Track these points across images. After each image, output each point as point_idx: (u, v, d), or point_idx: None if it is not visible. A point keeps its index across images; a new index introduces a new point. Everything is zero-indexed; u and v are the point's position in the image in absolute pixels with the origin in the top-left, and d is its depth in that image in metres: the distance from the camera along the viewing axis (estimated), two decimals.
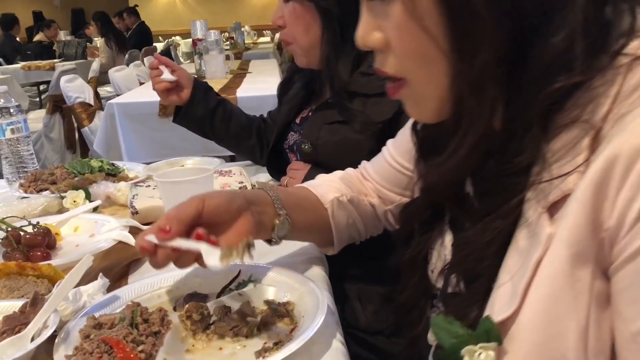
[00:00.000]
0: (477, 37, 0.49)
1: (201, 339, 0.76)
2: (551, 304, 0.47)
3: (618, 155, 0.43)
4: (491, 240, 0.54)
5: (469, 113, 0.53)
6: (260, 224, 0.83)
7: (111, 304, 0.83)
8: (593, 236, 0.45)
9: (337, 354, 0.72)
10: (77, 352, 0.70)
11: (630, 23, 0.48)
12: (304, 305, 0.80)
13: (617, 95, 0.46)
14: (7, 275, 0.92)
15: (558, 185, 0.47)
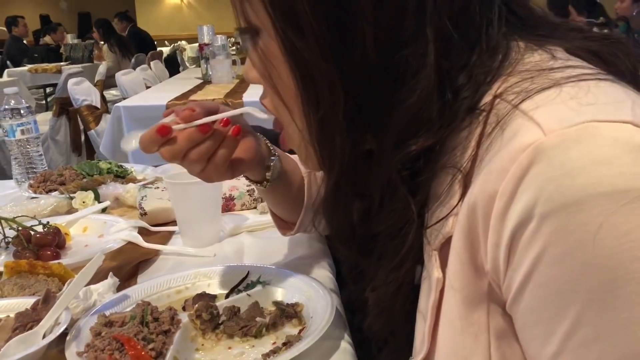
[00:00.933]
0: (317, 93, 0.49)
1: (210, 338, 0.76)
2: (455, 346, 0.48)
3: (475, 202, 0.43)
4: (394, 293, 0.55)
5: (322, 161, 0.54)
6: (261, 149, 0.80)
7: (121, 303, 0.84)
8: (478, 278, 0.46)
9: (345, 354, 0.73)
10: (89, 349, 0.71)
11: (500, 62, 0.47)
12: (312, 306, 0.80)
13: (480, 138, 0.45)
14: (18, 273, 0.93)
15: (440, 230, 0.48)
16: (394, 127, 0.49)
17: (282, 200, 0.91)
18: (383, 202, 0.53)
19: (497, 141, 0.43)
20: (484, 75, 0.47)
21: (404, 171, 0.50)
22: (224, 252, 1.08)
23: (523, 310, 0.43)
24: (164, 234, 1.16)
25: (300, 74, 0.50)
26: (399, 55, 0.47)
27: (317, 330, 0.71)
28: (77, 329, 0.76)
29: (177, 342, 0.73)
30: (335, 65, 0.48)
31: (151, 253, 1.06)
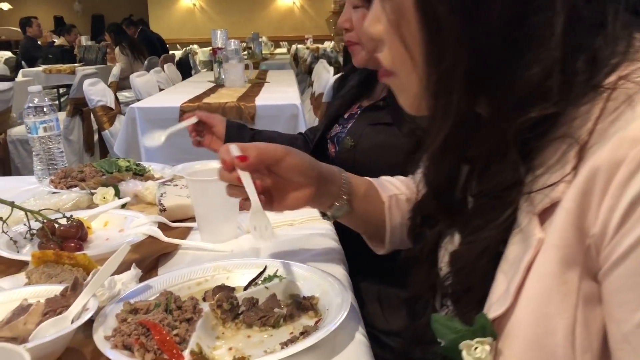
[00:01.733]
0: (442, 47, 0.53)
1: (230, 327, 0.80)
2: (541, 303, 0.51)
3: (599, 167, 0.46)
4: (482, 252, 0.57)
5: (436, 113, 0.57)
6: (322, 197, 0.89)
7: (144, 292, 0.88)
8: (580, 242, 0.48)
9: (359, 345, 0.76)
10: (116, 333, 0.74)
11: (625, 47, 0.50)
12: (327, 299, 0.84)
13: (601, 112, 0.48)
14: (45, 263, 0.97)
15: (548, 194, 0.50)
16: (513, 94, 0.51)
17: (358, 228, 0.98)
18: (490, 164, 0.56)
19: (626, 115, 0.46)
20: (608, 57, 0.49)
21: (519, 136, 0.52)
22: (240, 248, 1.11)
23: (621, 274, 0.46)
24: (183, 230, 1.19)
25: (429, 26, 0.53)
26: (526, 23, 0.50)
27: (334, 322, 0.74)
28: (103, 315, 0.80)
29: (200, 329, 0.76)
30: (464, 21, 0.51)
31: (171, 247, 1.10)
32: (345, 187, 0.88)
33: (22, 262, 1.04)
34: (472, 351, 0.54)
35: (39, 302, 0.81)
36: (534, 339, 0.51)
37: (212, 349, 0.75)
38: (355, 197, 0.89)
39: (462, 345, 0.55)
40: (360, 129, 1.33)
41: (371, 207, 0.93)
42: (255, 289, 0.88)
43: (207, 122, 1.55)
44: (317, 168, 0.85)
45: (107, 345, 0.72)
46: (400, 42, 0.57)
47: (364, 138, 1.31)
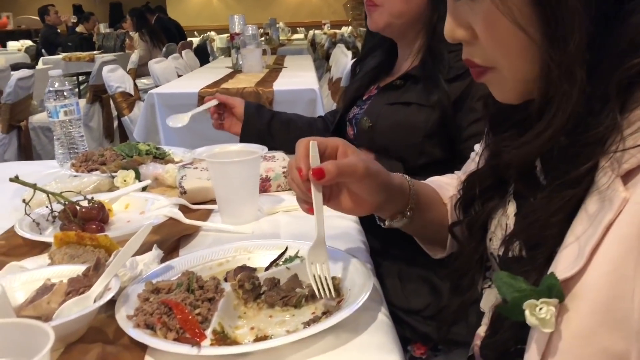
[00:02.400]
0: (568, 24, 0.52)
1: (252, 307, 0.79)
2: (619, 265, 0.49)
3: None
4: (558, 208, 0.56)
5: (560, 97, 0.55)
6: (384, 210, 0.85)
7: (166, 273, 0.88)
8: None
9: (382, 325, 0.75)
10: (138, 312, 0.74)
11: None
12: (349, 280, 0.83)
13: None
14: (67, 244, 0.97)
15: (635, 155, 0.50)
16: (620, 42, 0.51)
17: (416, 234, 0.95)
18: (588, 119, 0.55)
19: None
20: None
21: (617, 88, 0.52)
22: (261, 229, 1.11)
23: None
24: (204, 212, 1.19)
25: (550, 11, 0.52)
26: None
27: (356, 302, 0.74)
28: (125, 295, 0.80)
29: (222, 309, 0.76)
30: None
31: (192, 229, 1.09)
32: (412, 202, 0.85)
33: (44, 244, 1.05)
34: (536, 311, 0.52)
35: (61, 282, 0.81)
36: (604, 302, 0.50)
37: (234, 329, 0.75)
38: (420, 207, 0.86)
39: (526, 305, 0.53)
40: (377, 108, 1.31)
41: (434, 213, 0.90)
42: (276, 269, 0.88)
43: (227, 104, 1.55)
44: (385, 177, 0.80)
45: (129, 324, 0.72)
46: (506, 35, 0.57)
47: (381, 118, 1.28)
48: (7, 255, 1.04)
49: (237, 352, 0.66)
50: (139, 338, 0.70)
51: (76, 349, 0.72)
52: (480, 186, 0.77)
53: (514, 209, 0.70)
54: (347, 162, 0.76)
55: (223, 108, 1.56)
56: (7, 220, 1.16)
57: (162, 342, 0.68)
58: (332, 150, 0.80)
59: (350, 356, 0.69)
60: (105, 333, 0.76)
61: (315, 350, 0.69)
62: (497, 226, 0.73)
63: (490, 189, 0.75)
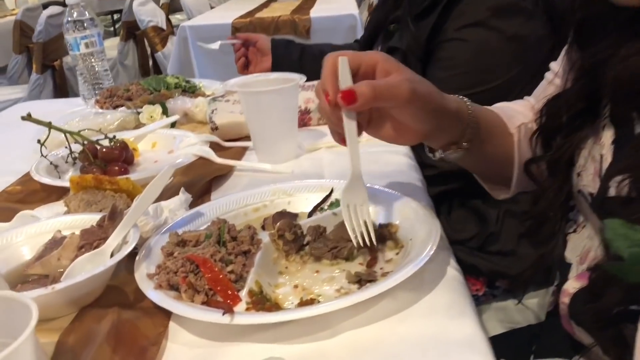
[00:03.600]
0: None
1: (295, 260, 0.67)
2: None
3: None
4: None
5: None
6: (435, 138, 0.69)
7: (195, 221, 0.76)
8: None
9: (453, 283, 0.62)
10: (160, 270, 0.63)
11: None
12: (409, 228, 0.69)
13: None
14: (85, 188, 0.86)
15: None
16: None
17: (478, 166, 0.78)
18: None
19: None
20: None
21: None
22: (302, 168, 0.98)
23: None
24: (237, 150, 1.06)
25: None
26: None
27: (421, 255, 0.60)
28: (147, 249, 0.69)
29: (259, 264, 0.64)
30: None
31: (224, 169, 0.97)
32: (470, 130, 0.68)
33: (63, 189, 0.94)
34: None
35: (73, 235, 0.70)
36: None
37: (274, 287, 0.63)
38: (478, 137, 0.69)
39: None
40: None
41: (498, 145, 0.74)
42: (321, 215, 0.75)
43: (249, 39, 1.45)
44: (443, 111, 0.64)
45: (149, 285, 0.61)
46: None
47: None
48: (22, 202, 0.94)
49: (279, 320, 0.54)
50: (160, 302, 0.58)
51: (89, 315, 0.61)
52: (567, 112, 0.64)
53: (612, 136, 0.59)
54: (386, 83, 0.60)
55: (246, 51, 1.47)
56: (27, 163, 1.06)
57: (187, 308, 0.57)
58: (369, 67, 0.62)
59: (413, 323, 0.56)
60: (125, 294, 0.65)
61: (371, 316, 0.57)
62: (589, 158, 0.62)
63: (580, 115, 0.63)
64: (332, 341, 0.54)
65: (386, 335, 0.54)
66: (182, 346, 0.56)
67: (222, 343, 0.56)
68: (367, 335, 0.55)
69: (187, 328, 0.58)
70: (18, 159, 1.13)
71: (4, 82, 3.83)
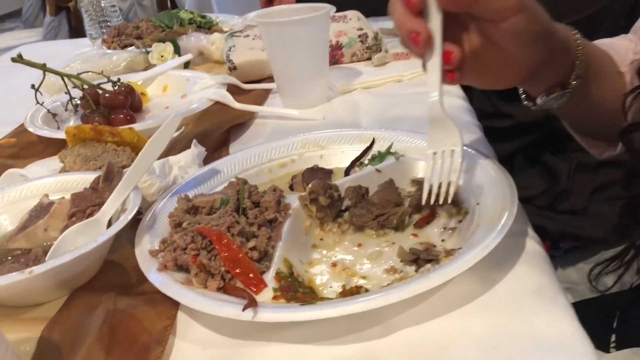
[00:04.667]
0: None
1: (332, 230, 0.54)
2: None
3: None
4: None
5: None
6: (539, 80, 0.55)
7: (209, 181, 0.63)
8: None
9: (536, 260, 0.48)
10: (166, 247, 0.50)
11: None
12: (474, 188, 0.56)
13: None
14: (83, 141, 0.74)
15: None
16: None
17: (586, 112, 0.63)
18: None
19: None
20: None
21: None
22: (335, 114, 0.85)
23: None
24: (259, 93, 0.93)
25: None
26: None
27: (497, 226, 0.47)
28: (151, 217, 0.56)
29: (287, 236, 0.51)
30: None
31: (244, 116, 0.84)
32: (580, 67, 0.54)
33: (63, 142, 0.82)
34: None
35: (62, 200, 0.58)
36: None
37: (307, 265, 0.50)
38: (587, 77, 0.55)
39: None
40: None
41: (606, 88, 0.59)
42: (362, 172, 0.62)
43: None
44: (552, 37, 0.50)
45: (152, 265, 0.49)
46: None
47: None
48: (15, 157, 0.83)
49: (316, 317, 0.41)
50: (165, 288, 0.46)
51: (80, 301, 0.50)
52: None
53: None
54: None
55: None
56: (26, 112, 0.93)
57: (198, 297, 0.44)
58: None
59: (489, 318, 0.43)
60: (125, 272, 0.53)
61: (434, 308, 0.44)
62: None
63: None
64: (384, 342, 0.42)
65: (454, 334, 0.42)
66: (194, 345, 0.44)
67: (245, 342, 0.44)
68: (429, 335, 0.42)
69: (200, 321, 0.46)
70: (17, 107, 1.01)
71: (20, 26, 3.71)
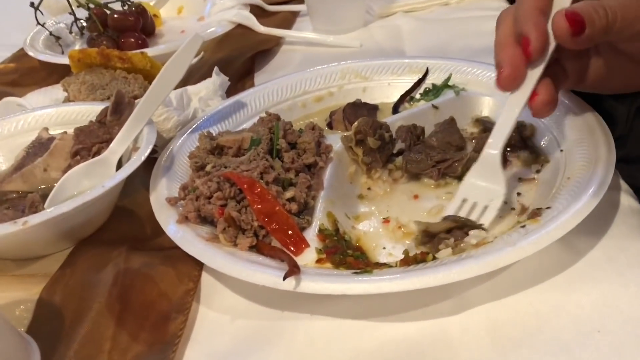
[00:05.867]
0: None
1: (381, 178, 0.46)
2: None
3: None
4: None
5: None
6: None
7: (234, 115, 0.55)
8: None
9: (633, 217, 0.40)
10: (187, 194, 0.42)
11: None
12: (553, 130, 0.46)
13: None
14: (89, 67, 0.65)
15: None
16: None
17: None
18: None
19: None
20: None
21: None
22: (373, 40, 0.75)
23: None
24: (286, 15, 0.84)
25: None
26: None
27: (593, 182, 0.38)
28: (168, 156, 0.48)
29: (330, 185, 0.43)
30: None
31: (270, 41, 0.75)
32: None
33: (68, 68, 0.73)
34: None
35: (65, 135, 0.50)
36: None
37: (354, 220, 0.42)
38: None
39: None
40: None
41: None
42: (415, 109, 0.53)
43: None
44: None
45: (171, 216, 0.41)
46: None
47: None
48: (16, 84, 0.75)
49: (377, 290, 0.33)
50: (187, 245, 0.38)
51: (86, 257, 0.42)
52: None
53: None
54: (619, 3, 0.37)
55: None
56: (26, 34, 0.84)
57: (226, 258, 0.36)
58: None
59: (590, 291, 0.35)
60: (140, 223, 0.46)
61: (516, 279, 0.36)
62: None
63: None
64: (458, 320, 0.34)
65: (544, 313, 0.34)
66: (221, 314, 0.37)
67: (284, 314, 0.36)
68: (513, 312, 0.34)
69: (228, 285, 0.39)
70: (17, 30, 0.92)
71: None
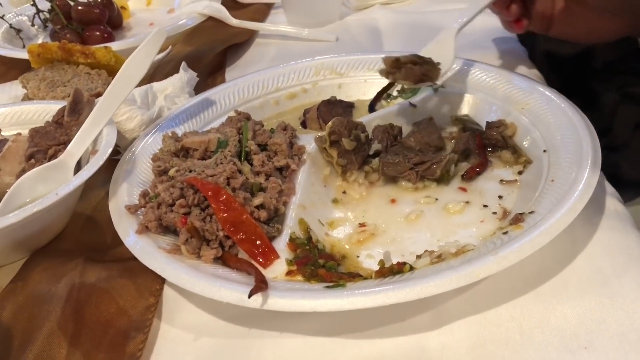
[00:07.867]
0: None
1: (357, 181, 0.43)
2: None
3: None
4: None
5: None
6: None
7: (202, 114, 0.52)
8: None
9: (621, 221, 0.38)
10: (147, 201, 0.39)
11: None
12: (538, 129, 0.44)
13: None
14: (50, 62, 0.62)
15: None
16: None
17: None
18: None
19: None
20: None
21: None
22: (350, 34, 0.72)
23: None
24: (260, 7, 0.82)
25: None
26: None
27: (578, 185, 0.36)
28: (130, 159, 0.45)
29: (303, 189, 0.40)
30: None
31: (243, 35, 0.72)
32: None
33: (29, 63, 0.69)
34: None
35: (19, 136, 0.46)
36: None
37: (329, 227, 0.40)
38: None
39: None
40: None
41: None
42: (392, 107, 0.50)
43: None
44: None
45: (130, 225, 0.38)
46: None
47: None
48: None
49: (350, 307, 0.31)
50: (146, 258, 0.35)
51: (40, 268, 0.39)
52: None
53: None
54: None
55: None
56: None
57: (187, 272, 0.34)
58: None
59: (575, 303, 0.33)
60: (98, 230, 0.43)
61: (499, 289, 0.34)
62: None
63: None
64: (437, 335, 0.32)
65: (527, 327, 0.32)
66: (184, 332, 0.34)
67: (251, 331, 0.34)
68: (494, 326, 0.32)
69: (193, 300, 0.36)
70: None
71: None
